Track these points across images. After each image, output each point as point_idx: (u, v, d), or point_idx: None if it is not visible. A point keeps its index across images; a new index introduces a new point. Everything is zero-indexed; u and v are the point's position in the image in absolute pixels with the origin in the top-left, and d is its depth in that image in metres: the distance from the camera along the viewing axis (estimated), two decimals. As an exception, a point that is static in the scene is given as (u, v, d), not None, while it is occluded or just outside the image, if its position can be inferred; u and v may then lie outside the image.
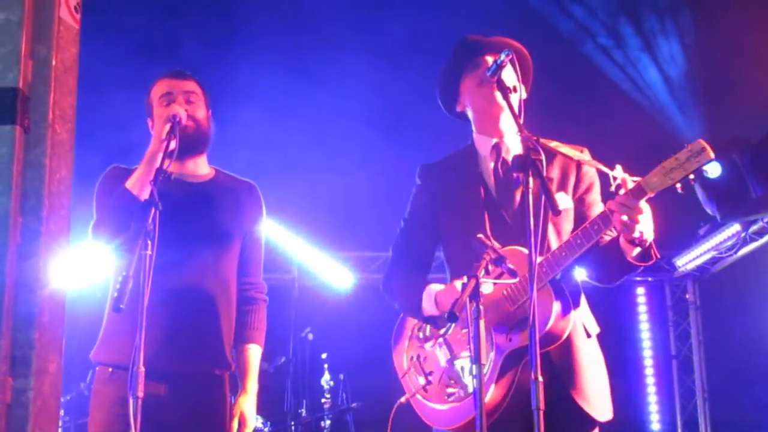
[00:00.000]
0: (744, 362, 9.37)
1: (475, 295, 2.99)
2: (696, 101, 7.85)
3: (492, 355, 3.41)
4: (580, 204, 3.58)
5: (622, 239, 3.31)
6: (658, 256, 3.38)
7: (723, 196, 8.37)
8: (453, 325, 3.53)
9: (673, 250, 10.47)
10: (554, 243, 3.43)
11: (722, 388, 10.15)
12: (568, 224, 3.54)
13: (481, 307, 2.98)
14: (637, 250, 3.31)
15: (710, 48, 7.60)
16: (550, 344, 3.35)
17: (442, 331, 3.59)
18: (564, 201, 3.48)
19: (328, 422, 7.92)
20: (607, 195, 3.35)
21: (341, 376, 8.32)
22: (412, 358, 3.68)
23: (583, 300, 3.56)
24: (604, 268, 3.50)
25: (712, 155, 3.07)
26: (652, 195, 3.15)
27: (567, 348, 3.44)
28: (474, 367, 2.98)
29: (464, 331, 3.50)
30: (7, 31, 2.53)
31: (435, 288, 3.57)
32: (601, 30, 7.76)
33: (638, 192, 3.16)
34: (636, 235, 3.19)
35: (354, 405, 8.00)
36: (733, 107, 7.76)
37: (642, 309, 11.00)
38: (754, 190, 8.17)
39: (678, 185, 3.11)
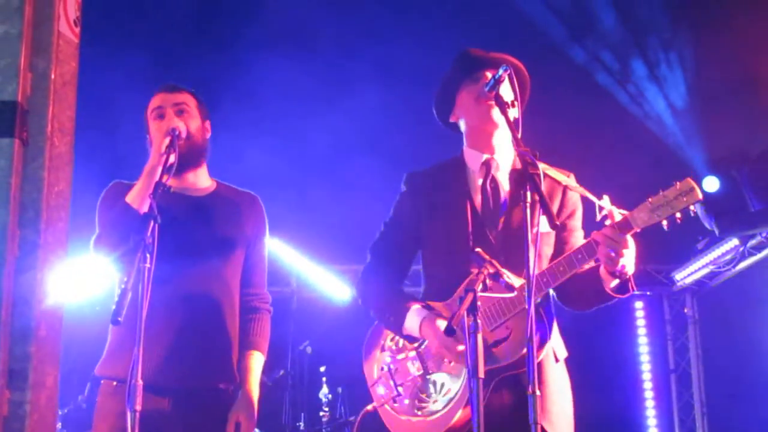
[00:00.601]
0: (743, 377, 9.35)
1: (473, 309, 2.99)
2: (698, 125, 7.89)
3: (464, 376, 3.39)
4: (562, 229, 3.58)
5: (602, 270, 3.33)
6: (635, 289, 3.40)
7: (721, 210, 8.38)
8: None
9: (671, 264, 10.46)
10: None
11: (721, 402, 10.12)
12: (548, 248, 3.55)
13: (479, 322, 2.98)
14: (615, 282, 3.34)
15: (712, 73, 7.64)
16: (522, 368, 3.25)
17: (416, 344, 3.58)
18: (546, 225, 3.41)
19: (326, 436, 7.91)
20: (591, 224, 3.36)
21: (339, 390, 8.30)
22: (382, 368, 3.67)
23: (555, 326, 3.55)
24: (580, 295, 3.50)
25: (700, 196, 3.13)
26: (638, 230, 3.19)
27: (537, 372, 3.42)
28: (471, 381, 2.95)
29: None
30: (7, 44, 2.53)
31: (420, 312, 3.52)
32: (611, 61, 7.80)
33: (624, 226, 3.20)
34: (618, 267, 3.22)
35: (352, 418, 7.97)
36: (735, 125, 7.79)
37: (640, 323, 10.98)
38: (752, 205, 8.17)
39: (664, 222, 3.16)
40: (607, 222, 3.24)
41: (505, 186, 3.63)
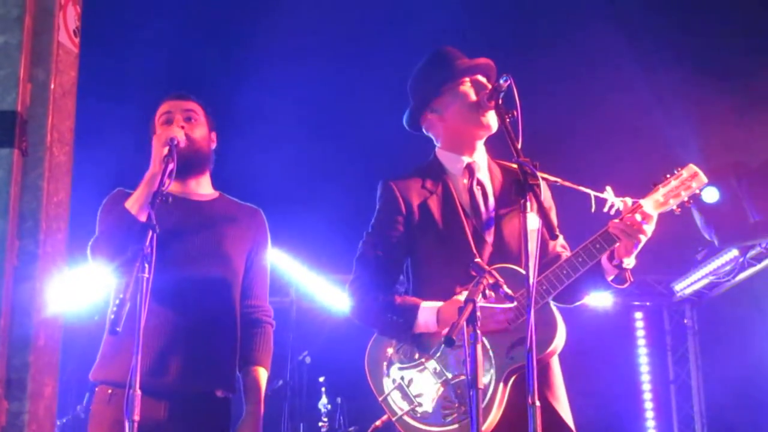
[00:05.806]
0: (743, 388, 9.33)
1: (473, 319, 2.98)
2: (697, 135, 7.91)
3: (493, 375, 3.41)
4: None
5: (604, 260, 3.43)
6: (632, 280, 3.52)
7: (721, 221, 8.38)
8: (443, 346, 3.52)
9: (671, 274, 10.45)
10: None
11: (721, 413, 10.10)
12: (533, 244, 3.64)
13: (479, 332, 2.98)
14: (613, 275, 3.47)
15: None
16: (545, 360, 3.45)
17: (433, 351, 3.56)
18: (534, 221, 3.39)
19: (325, 446, 7.90)
20: (592, 216, 3.43)
21: (338, 400, 8.29)
22: (394, 380, 3.61)
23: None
24: (574, 289, 3.53)
25: (706, 179, 3.37)
26: (654, 217, 3.34)
27: (546, 366, 3.52)
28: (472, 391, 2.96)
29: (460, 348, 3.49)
30: (6, 55, 2.54)
31: (433, 305, 3.52)
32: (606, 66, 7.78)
33: (643, 213, 3.34)
34: (636, 250, 3.35)
35: (351, 429, 7.97)
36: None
37: (640, 333, 10.96)
38: (752, 215, 8.18)
39: (675, 208, 3.38)
40: (613, 210, 3.39)
41: (488, 187, 3.66)
